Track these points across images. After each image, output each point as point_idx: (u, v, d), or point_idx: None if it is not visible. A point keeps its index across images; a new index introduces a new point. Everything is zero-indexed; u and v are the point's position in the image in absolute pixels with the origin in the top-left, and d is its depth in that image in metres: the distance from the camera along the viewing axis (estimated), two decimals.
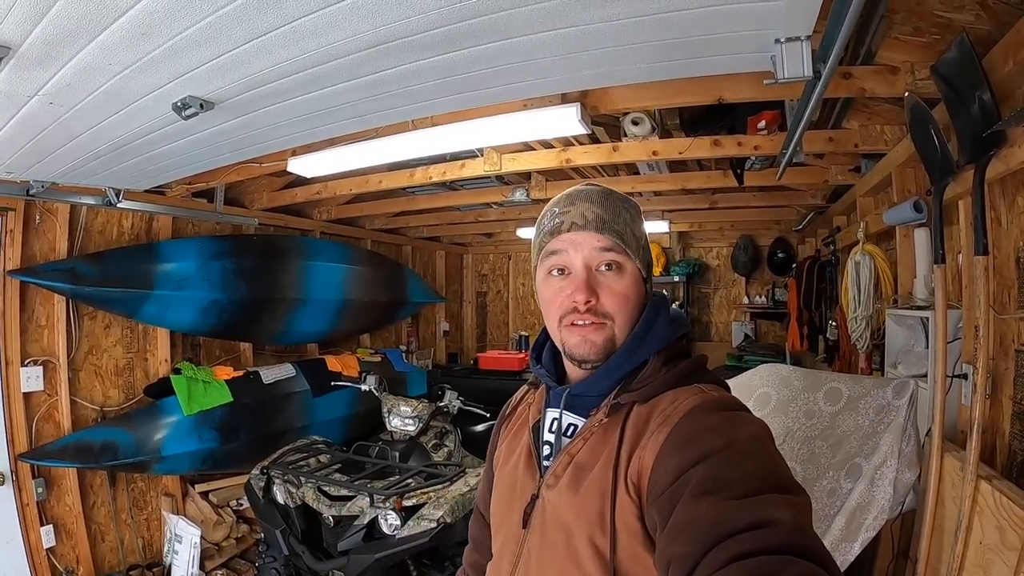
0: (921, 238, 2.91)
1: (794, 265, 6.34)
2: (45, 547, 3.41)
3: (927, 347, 2.76)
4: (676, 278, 7.17)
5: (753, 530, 0.71)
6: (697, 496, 0.78)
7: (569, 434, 1.08)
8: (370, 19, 1.63)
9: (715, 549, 0.71)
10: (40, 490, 3.40)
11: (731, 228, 7.19)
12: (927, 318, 2.70)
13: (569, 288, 1.03)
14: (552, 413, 1.12)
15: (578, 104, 2.59)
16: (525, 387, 1.33)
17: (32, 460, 3.35)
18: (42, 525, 3.41)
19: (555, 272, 1.06)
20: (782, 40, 1.72)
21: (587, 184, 1.12)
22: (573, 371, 1.12)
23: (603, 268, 1.03)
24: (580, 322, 1.02)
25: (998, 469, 2.06)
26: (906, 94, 2.34)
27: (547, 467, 1.07)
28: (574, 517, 0.97)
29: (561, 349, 1.09)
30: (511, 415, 1.31)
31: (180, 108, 2.12)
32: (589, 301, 1.01)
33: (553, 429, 1.11)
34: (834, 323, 4.46)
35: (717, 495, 0.76)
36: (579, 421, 1.08)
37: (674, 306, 1.18)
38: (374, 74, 2.04)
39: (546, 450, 1.11)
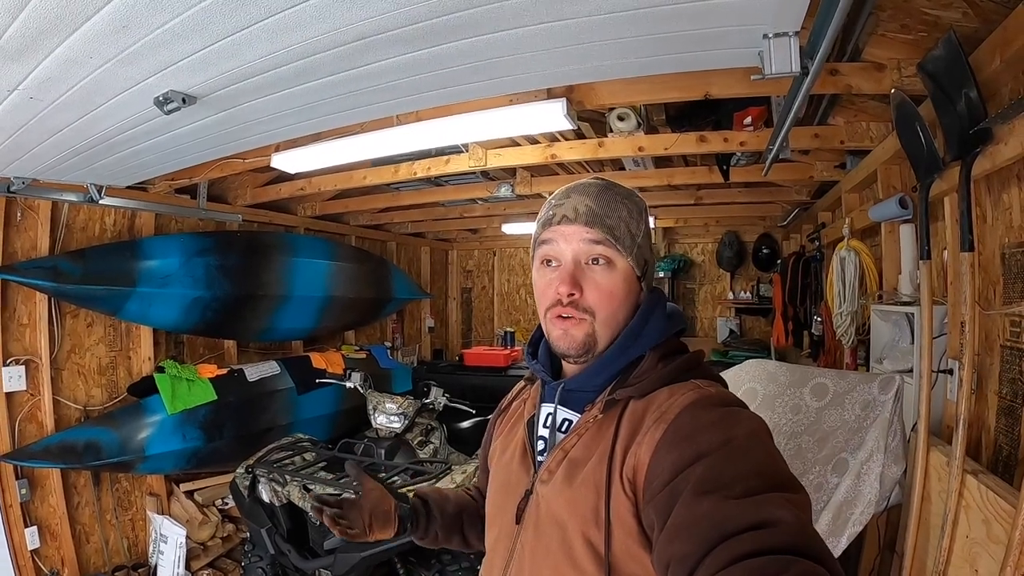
0: (906, 234, 2.92)
1: (779, 261, 6.38)
2: (29, 549, 3.36)
3: (912, 342, 2.77)
4: (661, 274, 7.19)
5: (754, 530, 0.70)
6: (697, 495, 0.77)
7: (564, 429, 1.08)
8: (355, 11, 1.61)
9: (716, 549, 0.71)
10: (24, 491, 3.35)
11: (716, 224, 7.22)
12: (912, 314, 2.71)
13: (556, 280, 1.03)
14: (547, 408, 1.12)
15: (564, 99, 2.58)
16: (521, 382, 1.32)
17: (15, 461, 3.29)
18: (26, 527, 3.36)
19: (546, 262, 1.07)
20: (770, 35, 1.72)
21: (592, 178, 1.11)
22: (568, 366, 1.11)
23: (591, 262, 1.03)
24: (563, 315, 1.02)
25: (984, 464, 2.08)
26: (892, 91, 2.35)
27: (541, 462, 1.07)
28: (568, 512, 0.97)
29: (547, 340, 1.09)
30: (506, 410, 1.31)
31: (162, 102, 2.09)
32: (572, 294, 1.01)
33: (548, 424, 1.10)
34: (819, 318, 4.48)
35: (717, 494, 0.76)
36: (574, 416, 1.08)
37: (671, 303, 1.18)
38: (359, 68, 2.01)
39: (540, 445, 1.10)
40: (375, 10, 1.61)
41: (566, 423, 1.08)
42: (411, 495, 1.34)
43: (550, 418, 1.10)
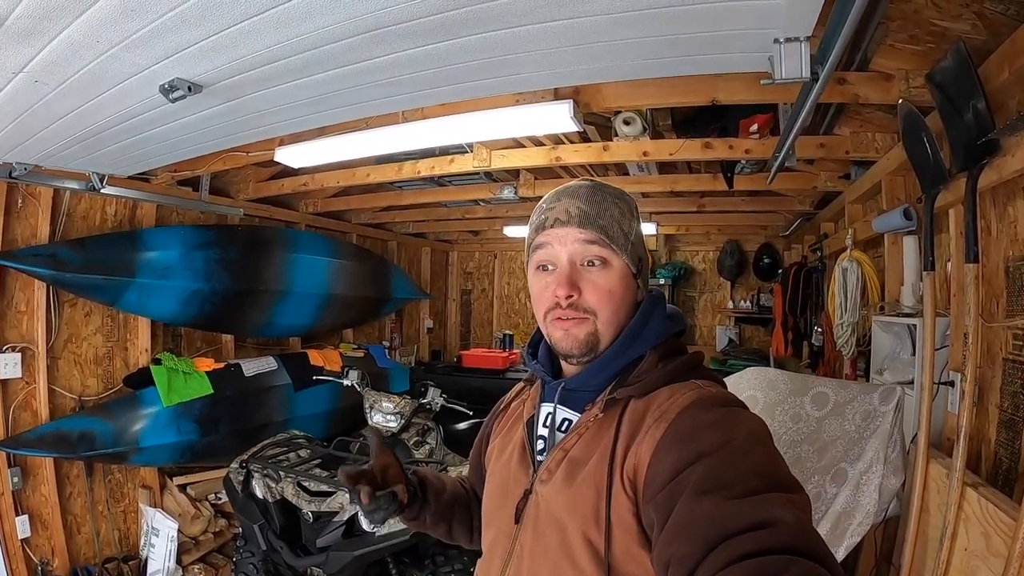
0: (909, 246, 2.92)
1: (780, 271, 6.37)
2: (20, 538, 3.34)
3: (913, 354, 2.77)
4: (662, 281, 7.16)
5: (755, 530, 0.70)
6: (697, 495, 0.77)
7: (563, 429, 1.07)
8: (365, 3, 1.60)
9: (717, 549, 0.70)
10: (16, 479, 3.33)
11: (718, 232, 7.21)
12: (914, 325, 2.71)
13: (554, 283, 1.02)
14: (547, 408, 1.11)
15: (571, 101, 2.57)
16: (521, 383, 1.31)
17: (8, 449, 3.28)
18: (17, 515, 3.34)
19: (542, 267, 1.06)
20: (781, 40, 1.71)
21: (581, 180, 1.11)
22: (568, 366, 1.10)
23: (587, 263, 1.03)
24: (563, 317, 1.02)
25: (983, 476, 2.07)
26: (900, 101, 2.35)
27: (541, 462, 1.06)
28: (568, 512, 0.96)
29: (549, 343, 1.09)
30: (504, 411, 1.30)
31: (167, 90, 2.07)
32: (571, 296, 1.01)
33: (547, 424, 1.10)
34: (819, 329, 4.48)
35: (717, 494, 0.75)
36: (574, 416, 1.07)
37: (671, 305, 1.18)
38: (367, 61, 2.00)
39: (540, 445, 1.09)
40: (386, 2, 1.60)
41: (566, 423, 1.08)
42: (410, 473, 1.31)
43: (550, 418, 1.10)
